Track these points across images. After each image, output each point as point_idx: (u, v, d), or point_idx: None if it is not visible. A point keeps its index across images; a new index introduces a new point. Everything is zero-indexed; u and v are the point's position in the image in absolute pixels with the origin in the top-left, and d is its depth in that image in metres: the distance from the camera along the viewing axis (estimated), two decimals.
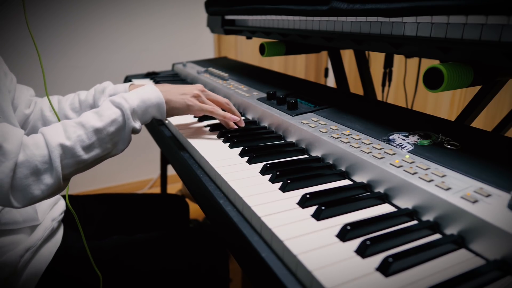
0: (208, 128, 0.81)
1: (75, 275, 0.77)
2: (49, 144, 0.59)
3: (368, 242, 0.40)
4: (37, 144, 0.58)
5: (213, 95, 0.79)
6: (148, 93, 0.71)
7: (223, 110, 0.79)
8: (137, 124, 0.68)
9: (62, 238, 0.80)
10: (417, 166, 0.50)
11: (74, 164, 0.61)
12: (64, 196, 0.91)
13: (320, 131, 0.66)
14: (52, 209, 0.82)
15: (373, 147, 0.58)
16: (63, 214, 0.85)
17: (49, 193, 0.59)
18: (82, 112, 0.86)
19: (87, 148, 0.62)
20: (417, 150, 0.55)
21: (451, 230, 0.43)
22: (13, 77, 0.84)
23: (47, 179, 0.58)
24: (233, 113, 0.79)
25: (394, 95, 1.95)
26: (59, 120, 0.84)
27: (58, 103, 0.90)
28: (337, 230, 0.44)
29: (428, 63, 0.75)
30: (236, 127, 0.79)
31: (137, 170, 2.27)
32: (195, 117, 0.91)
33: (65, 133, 0.61)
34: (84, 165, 0.63)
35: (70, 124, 0.63)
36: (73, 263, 0.78)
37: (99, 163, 0.66)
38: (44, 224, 0.77)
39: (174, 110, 0.74)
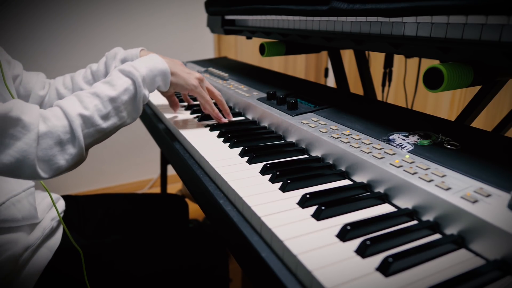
0: (208, 128, 0.81)
1: (74, 274, 0.77)
2: (68, 114, 0.60)
3: (368, 242, 0.40)
4: (57, 116, 0.59)
5: (210, 86, 0.84)
6: (155, 62, 0.74)
7: (215, 102, 0.84)
8: (146, 92, 0.71)
9: (62, 237, 0.80)
10: (417, 166, 0.50)
11: (94, 133, 0.63)
12: (62, 196, 0.91)
13: (320, 131, 0.66)
14: (52, 208, 0.82)
15: (373, 147, 0.58)
16: (62, 214, 0.85)
17: (73, 163, 0.61)
18: None
19: (105, 117, 0.64)
20: (417, 150, 0.55)
21: (451, 230, 0.43)
22: (17, 62, 0.85)
23: (71, 149, 0.60)
24: (223, 106, 0.84)
25: (394, 95, 1.95)
26: None
27: (71, 80, 0.91)
28: (337, 230, 0.44)
29: (428, 63, 0.75)
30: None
31: (137, 170, 2.27)
32: (186, 109, 0.97)
33: (81, 103, 0.62)
34: (103, 134, 0.65)
35: (84, 94, 0.64)
36: (73, 263, 0.78)
37: (114, 132, 0.68)
38: (43, 223, 0.77)
39: (177, 84, 0.77)
